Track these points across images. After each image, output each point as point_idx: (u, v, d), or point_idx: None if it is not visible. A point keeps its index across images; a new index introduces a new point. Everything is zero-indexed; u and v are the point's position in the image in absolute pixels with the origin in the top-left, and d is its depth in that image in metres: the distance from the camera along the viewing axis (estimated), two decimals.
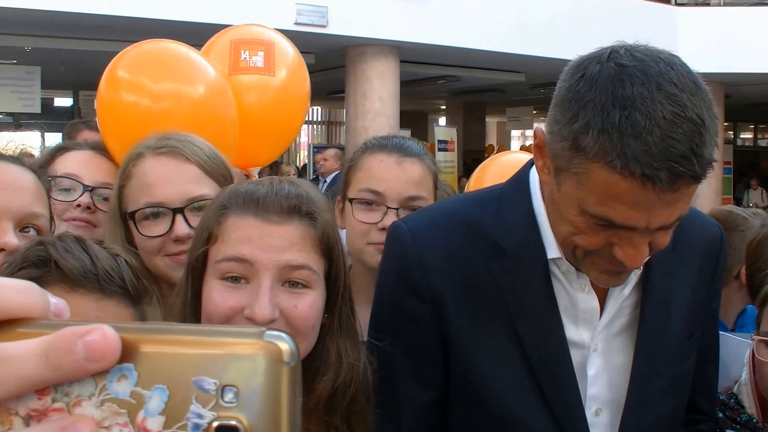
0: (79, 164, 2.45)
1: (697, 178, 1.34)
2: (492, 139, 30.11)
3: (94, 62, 14.40)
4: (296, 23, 12.21)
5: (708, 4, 18.18)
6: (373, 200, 2.20)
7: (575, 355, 1.64)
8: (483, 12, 13.83)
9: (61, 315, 0.48)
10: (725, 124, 18.94)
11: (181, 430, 0.44)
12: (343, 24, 12.67)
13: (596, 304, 1.64)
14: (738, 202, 19.00)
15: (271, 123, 3.26)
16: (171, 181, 1.96)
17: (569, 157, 1.38)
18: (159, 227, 1.94)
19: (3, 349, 0.44)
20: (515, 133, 31.88)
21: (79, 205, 2.37)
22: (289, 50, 3.42)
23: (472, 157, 20.63)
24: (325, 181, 12.31)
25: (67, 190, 2.39)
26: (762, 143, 29.61)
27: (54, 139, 19.19)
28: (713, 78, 17.03)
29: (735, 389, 2.12)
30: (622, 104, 1.31)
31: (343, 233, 2.20)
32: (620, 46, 1.42)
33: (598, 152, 1.32)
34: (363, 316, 2.07)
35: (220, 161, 2.07)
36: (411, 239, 1.69)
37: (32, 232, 1.73)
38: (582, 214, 1.42)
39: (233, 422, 0.43)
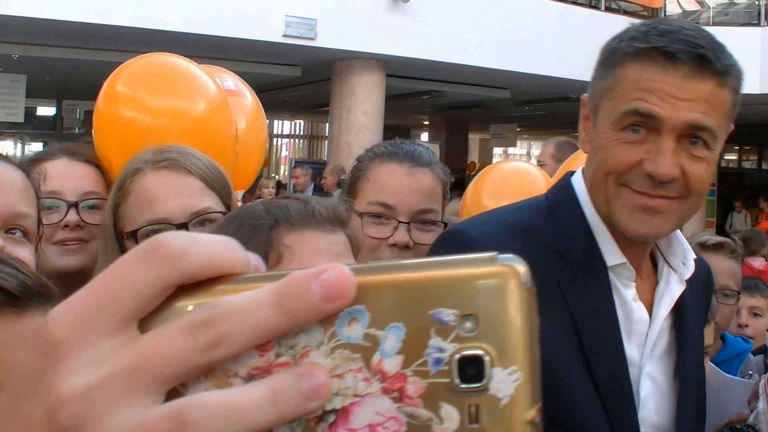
0: (58, 178, 2.26)
1: (717, 72, 1.50)
2: (474, 155, 30.14)
3: (79, 71, 14.41)
4: (284, 35, 12.26)
5: (697, 24, 18.32)
6: (384, 214, 2.11)
7: (630, 372, 1.63)
8: (470, 27, 13.86)
9: (259, 270, 0.45)
10: None
11: (421, 367, 0.41)
12: (331, 37, 12.68)
13: (647, 315, 1.64)
14: (719, 229, 19.04)
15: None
16: (174, 195, 1.86)
17: (604, 77, 1.59)
18: None
19: (231, 301, 0.41)
20: (498, 150, 31.94)
21: (66, 225, 2.21)
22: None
23: (454, 174, 20.62)
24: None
25: (49, 207, 2.18)
26: (746, 165, 29.80)
27: (35, 148, 19.06)
28: None
29: (751, 419, 2.21)
30: (652, 24, 1.58)
31: None
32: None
33: (628, 50, 1.54)
34: None
35: (220, 173, 1.98)
36: (487, 248, 1.57)
37: (18, 234, 1.62)
38: (615, 127, 1.55)
39: (478, 351, 0.41)
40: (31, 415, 0.45)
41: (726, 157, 29.44)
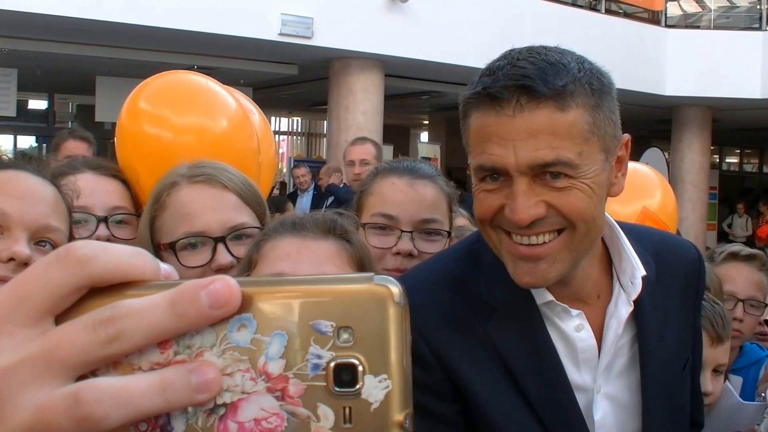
0: (85, 192, 2.23)
1: (550, 98, 1.42)
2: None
3: (70, 65, 14.33)
4: (281, 34, 12.18)
5: (698, 27, 18.41)
6: (387, 224, 2.17)
7: (580, 399, 1.62)
8: (470, 28, 13.81)
9: (169, 278, 0.51)
10: (711, 147, 18.98)
11: (301, 371, 0.46)
12: (328, 36, 12.62)
13: (593, 341, 1.63)
14: (719, 235, 18.97)
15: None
16: (211, 209, 1.92)
17: (462, 131, 1.56)
18: (199, 257, 1.89)
19: (130, 303, 0.48)
20: None
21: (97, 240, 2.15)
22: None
23: (454, 174, 20.53)
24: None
25: (77, 222, 2.14)
26: (747, 168, 29.86)
27: (27, 142, 18.93)
28: (701, 102, 17.17)
29: (763, 430, 2.21)
30: (490, 63, 1.53)
31: None
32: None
33: (466, 99, 1.51)
34: None
35: (254, 189, 2.05)
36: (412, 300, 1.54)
37: (48, 246, 1.67)
38: (476, 178, 1.52)
39: (353, 360, 0.46)
40: None
41: (727, 160, 29.43)
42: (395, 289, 0.47)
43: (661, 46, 16.99)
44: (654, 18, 17.46)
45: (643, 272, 1.63)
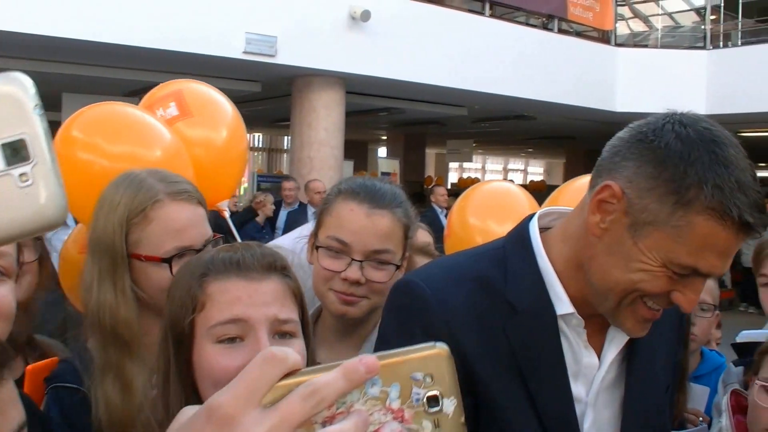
0: None
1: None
2: (430, 170, 30.44)
3: (37, 82, 14.25)
4: (245, 52, 12.27)
5: (646, 46, 18.84)
6: (340, 249, 2.21)
7: (577, 408, 1.73)
8: (429, 46, 14.07)
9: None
10: None
11: (410, 403, 0.72)
12: (291, 54, 12.74)
13: (596, 360, 1.73)
14: None
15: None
16: (194, 225, 2.11)
17: (670, 211, 1.50)
18: None
19: (322, 379, 0.70)
20: (453, 165, 32.28)
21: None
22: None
23: (412, 188, 20.78)
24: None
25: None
26: None
27: None
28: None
29: None
30: (725, 163, 1.48)
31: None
32: (671, 113, 1.58)
33: (710, 204, 1.46)
34: (328, 354, 2.15)
35: (204, 198, 2.21)
36: (433, 298, 1.69)
37: None
38: (664, 265, 1.53)
39: (435, 392, 0.72)
40: None
41: None
42: (447, 348, 0.73)
43: (611, 65, 17.41)
44: (604, 37, 17.91)
45: None
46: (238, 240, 5.30)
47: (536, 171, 43.93)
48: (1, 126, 0.60)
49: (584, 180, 3.69)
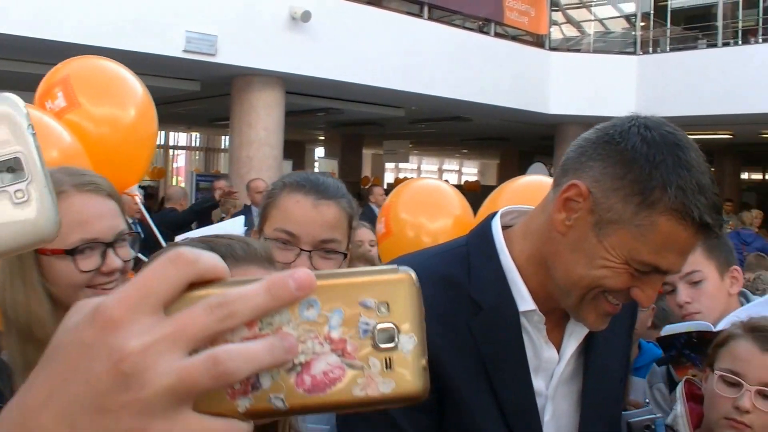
0: None
1: None
2: (367, 170, 30.49)
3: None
4: (185, 50, 12.07)
5: (579, 51, 19.16)
6: (288, 240, 2.22)
7: (538, 402, 1.78)
8: (368, 48, 14.10)
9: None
10: None
11: (355, 334, 0.61)
12: (231, 54, 12.62)
13: (556, 355, 1.78)
14: None
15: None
16: (101, 217, 2.01)
17: (634, 211, 1.55)
18: (92, 261, 1.97)
19: (235, 290, 0.60)
20: (389, 165, 32.41)
21: None
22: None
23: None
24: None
25: None
26: None
27: None
28: (581, 121, 17.62)
29: (670, 421, 2.45)
30: (687, 167, 1.55)
31: None
32: (635, 115, 1.66)
33: (673, 206, 1.53)
34: None
35: (117, 193, 2.16)
36: None
37: None
38: (626, 262, 1.58)
39: (390, 325, 0.62)
40: (92, 370, 0.58)
41: None
42: (414, 275, 0.63)
43: (545, 68, 17.61)
44: (538, 41, 18.11)
45: None
46: (158, 235, 5.18)
47: (470, 172, 44.22)
48: None
49: (522, 181, 3.86)
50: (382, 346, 0.61)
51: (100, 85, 3.45)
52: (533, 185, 3.90)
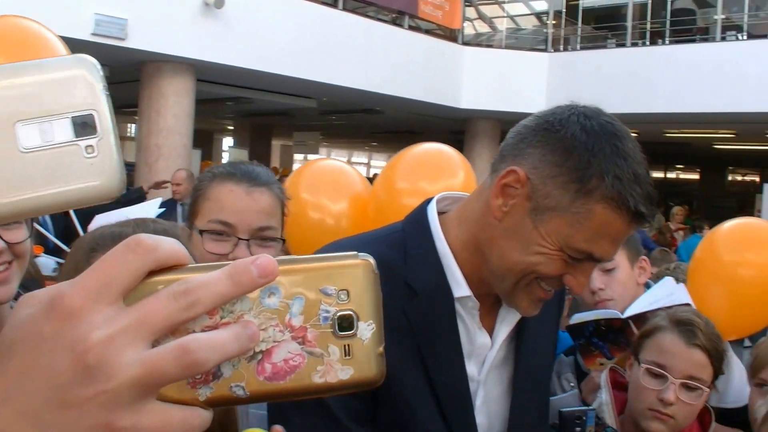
0: None
1: None
2: (276, 161, 30.33)
3: None
4: (94, 34, 11.78)
5: (491, 46, 19.40)
6: (224, 231, 2.17)
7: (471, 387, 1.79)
8: (281, 37, 14.00)
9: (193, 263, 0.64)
10: None
11: (315, 322, 0.62)
12: (142, 38, 12.35)
13: (489, 340, 1.80)
14: None
15: None
16: None
17: (572, 199, 1.57)
18: None
19: (198, 277, 0.59)
20: (298, 156, 32.29)
21: None
22: None
23: None
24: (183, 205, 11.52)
25: None
26: None
27: None
28: (492, 115, 18.04)
29: (595, 407, 2.49)
30: (624, 156, 1.57)
31: None
32: (574, 104, 1.67)
33: (609, 194, 1.55)
34: None
35: None
36: None
37: None
38: (561, 249, 1.60)
39: (350, 312, 0.62)
40: (53, 364, 0.56)
41: None
42: (373, 262, 0.64)
43: (458, 63, 17.79)
44: (452, 36, 18.25)
45: None
46: (76, 223, 5.07)
47: (379, 165, 44.37)
48: (73, 102, 0.64)
49: (421, 147, 3.82)
50: (342, 333, 0.62)
51: (18, 42, 3.28)
52: (432, 152, 3.95)
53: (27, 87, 0.64)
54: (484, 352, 1.80)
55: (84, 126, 0.64)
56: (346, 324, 0.62)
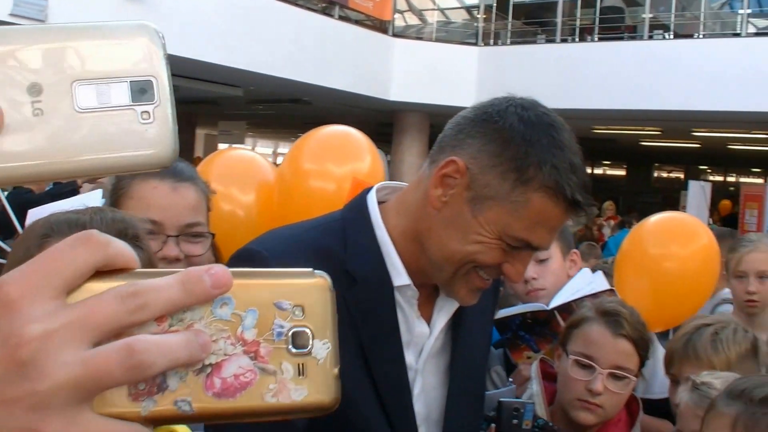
0: None
1: None
2: (199, 151, 29.91)
3: None
4: (12, 14, 11.39)
5: (421, 39, 19.43)
6: (151, 230, 2.09)
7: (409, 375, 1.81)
8: (206, 23, 13.79)
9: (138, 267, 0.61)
10: (429, 151, 20.22)
11: (269, 337, 0.59)
12: (61, 21, 11.54)
13: (427, 329, 1.82)
14: None
15: None
16: None
17: (510, 188, 1.62)
18: None
19: (149, 281, 0.56)
20: (223, 146, 31.87)
21: None
22: None
23: None
24: None
25: None
26: None
27: None
28: (421, 108, 18.16)
29: (526, 399, 2.50)
30: (561, 146, 1.63)
31: None
32: (512, 96, 1.71)
33: (547, 183, 1.60)
34: None
35: None
36: (276, 264, 1.62)
37: None
38: (499, 238, 1.64)
39: (305, 329, 0.60)
40: None
41: None
42: (329, 280, 0.62)
43: (388, 54, 17.78)
44: (382, 27, 18.24)
45: None
46: (12, 215, 4.94)
47: None
48: (132, 67, 0.63)
49: (327, 129, 3.78)
50: (296, 351, 0.60)
51: None
52: (339, 134, 3.93)
53: (87, 48, 0.63)
54: (422, 340, 1.82)
55: (142, 92, 0.63)
56: (300, 342, 0.60)
